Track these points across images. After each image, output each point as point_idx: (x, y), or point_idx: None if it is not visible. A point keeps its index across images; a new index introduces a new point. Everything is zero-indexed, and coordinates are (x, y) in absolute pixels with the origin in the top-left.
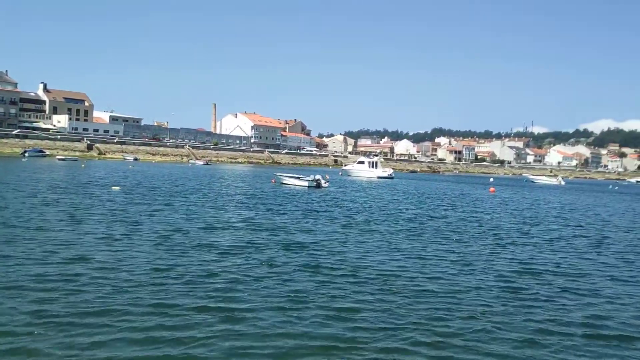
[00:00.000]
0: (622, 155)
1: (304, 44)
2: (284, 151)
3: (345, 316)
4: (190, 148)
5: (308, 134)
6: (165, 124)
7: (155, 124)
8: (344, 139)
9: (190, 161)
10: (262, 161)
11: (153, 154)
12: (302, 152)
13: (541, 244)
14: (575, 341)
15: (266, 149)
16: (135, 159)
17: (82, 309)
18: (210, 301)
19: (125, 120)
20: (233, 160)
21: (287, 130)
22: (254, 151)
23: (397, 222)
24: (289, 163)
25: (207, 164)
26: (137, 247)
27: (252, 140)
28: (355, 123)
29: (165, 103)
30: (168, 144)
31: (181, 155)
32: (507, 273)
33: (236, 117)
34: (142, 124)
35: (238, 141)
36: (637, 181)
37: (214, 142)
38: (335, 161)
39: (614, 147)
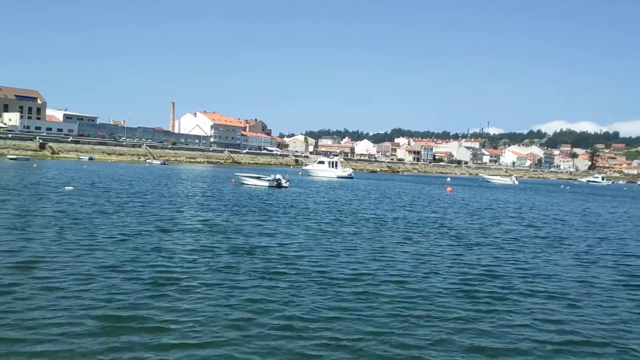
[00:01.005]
0: (574, 155)
1: (264, 44)
2: (245, 151)
3: (302, 326)
4: (148, 147)
5: (269, 134)
6: (122, 122)
7: (112, 123)
8: (305, 139)
9: (147, 161)
10: (222, 161)
11: (109, 154)
12: (263, 152)
13: (499, 244)
14: (535, 345)
15: (226, 149)
16: (91, 159)
17: (19, 318)
18: (154, 311)
19: (80, 118)
20: (192, 160)
21: (247, 129)
22: (213, 151)
23: (358, 222)
24: (249, 163)
25: (165, 163)
26: (86, 251)
27: (212, 140)
28: (316, 123)
29: (122, 101)
30: (124, 143)
31: (138, 154)
32: (468, 275)
33: (195, 116)
34: (97, 123)
35: (197, 141)
36: (588, 181)
37: (172, 141)
38: (296, 161)
39: (566, 148)
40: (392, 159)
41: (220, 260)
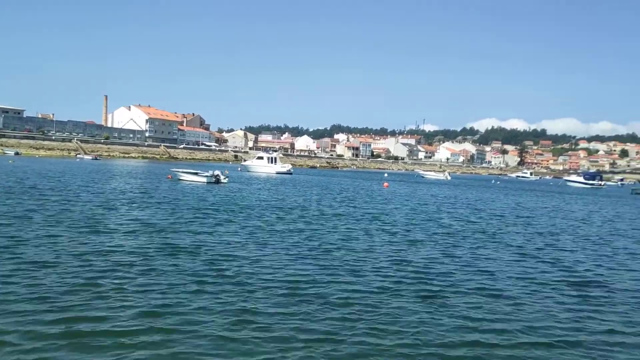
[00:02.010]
0: (504, 152)
1: (203, 36)
2: (182, 146)
3: (239, 336)
4: (79, 142)
5: (207, 129)
6: (51, 116)
7: (40, 116)
8: (245, 134)
9: (78, 156)
10: (157, 156)
11: (37, 148)
12: (201, 147)
13: (438, 240)
14: (472, 344)
15: (162, 144)
16: (17, 153)
17: None
18: (69, 322)
19: (5, 111)
20: (126, 155)
21: (184, 124)
22: (148, 146)
23: (298, 220)
24: (186, 158)
25: (97, 158)
26: (6, 252)
27: (147, 135)
28: (256, 118)
29: (51, 94)
30: (54, 137)
31: (68, 149)
32: (408, 271)
33: (129, 109)
34: (24, 116)
35: (131, 135)
36: (517, 176)
37: (105, 135)
38: (236, 157)
39: (497, 145)
40: (332, 155)
41: (153, 262)
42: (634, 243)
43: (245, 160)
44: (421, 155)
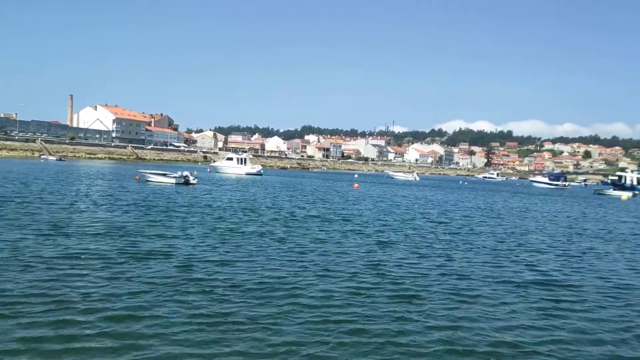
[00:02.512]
0: (472, 153)
1: (172, 36)
2: (149, 147)
3: (210, 339)
4: (43, 142)
5: (175, 129)
6: (14, 115)
7: (2, 116)
8: (214, 134)
9: (42, 157)
10: (124, 157)
11: None
12: (169, 147)
13: (412, 241)
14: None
15: (129, 144)
16: None
17: None
18: (30, 328)
19: None
20: (92, 156)
21: (152, 124)
22: (115, 146)
23: (269, 222)
24: (154, 159)
25: (62, 159)
26: None
27: (114, 135)
28: (226, 119)
29: (13, 93)
30: (17, 137)
31: (32, 150)
32: (382, 273)
33: (96, 109)
34: None
35: (98, 135)
36: (484, 177)
37: (70, 136)
38: (205, 157)
39: (465, 146)
40: (302, 156)
41: (120, 266)
42: (601, 243)
43: (214, 161)
44: (391, 156)
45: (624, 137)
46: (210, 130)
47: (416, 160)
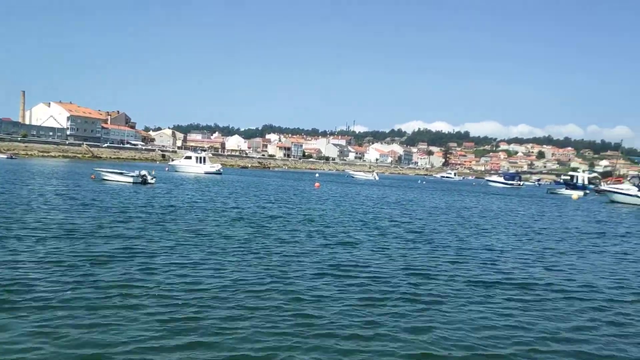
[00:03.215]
0: (430, 153)
1: (128, 31)
2: (105, 145)
3: (170, 345)
4: None
5: (133, 127)
6: None
7: None
8: (173, 133)
9: None
10: (79, 155)
11: None
12: (126, 146)
13: (373, 242)
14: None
15: (84, 142)
16: None
17: None
18: None
19: None
20: (45, 154)
21: (109, 122)
22: (70, 144)
23: (229, 222)
24: (111, 158)
25: (13, 157)
26: None
27: (68, 133)
28: (185, 117)
29: None
30: None
31: None
32: (344, 277)
33: (49, 106)
34: None
35: (51, 133)
36: (442, 176)
37: (22, 133)
38: (163, 156)
39: (423, 146)
40: (263, 155)
41: (74, 270)
42: (559, 242)
43: (173, 160)
44: (352, 155)
45: (576, 138)
46: (169, 128)
47: (376, 159)
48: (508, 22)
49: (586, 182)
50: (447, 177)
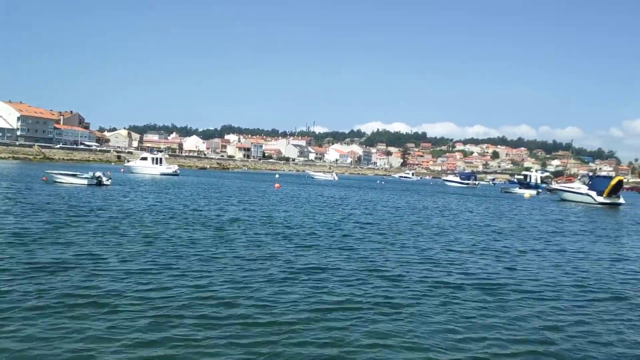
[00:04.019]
0: (388, 153)
1: (79, 29)
2: (58, 146)
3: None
4: None
5: (87, 128)
6: None
7: None
8: (129, 133)
9: None
10: (30, 157)
11: None
12: (80, 147)
13: (338, 243)
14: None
15: (36, 143)
16: None
17: None
18: None
19: None
20: None
21: (61, 122)
22: (20, 145)
23: (187, 226)
24: (64, 159)
25: None
26: None
27: (19, 133)
28: (141, 117)
29: None
30: None
31: None
32: (307, 281)
33: None
34: None
35: (0, 134)
36: (400, 176)
37: None
38: (119, 157)
39: (382, 146)
40: (222, 156)
41: (22, 279)
42: (518, 241)
43: (128, 161)
44: (312, 156)
45: (529, 138)
46: (124, 129)
47: (336, 160)
48: (465, 21)
49: (539, 181)
50: (405, 177)
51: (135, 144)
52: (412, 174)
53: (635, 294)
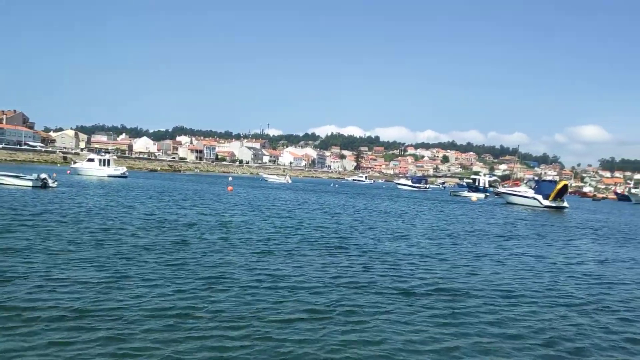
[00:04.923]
0: (342, 157)
1: (23, 23)
2: (0, 146)
3: None
4: None
5: (31, 127)
6: None
7: None
8: (76, 134)
9: None
10: None
11: None
12: (24, 147)
13: (292, 248)
14: None
15: None
16: None
17: None
18: None
19: None
20: None
21: (4, 122)
22: None
23: (138, 231)
24: (6, 160)
25: None
26: None
27: None
28: (89, 117)
29: None
30: None
31: None
32: (265, 288)
33: None
34: None
35: None
36: (353, 179)
37: None
38: (65, 158)
39: (336, 150)
40: (174, 158)
41: None
42: (474, 245)
43: (75, 163)
44: (266, 159)
45: (478, 143)
46: (71, 129)
47: (290, 163)
48: (416, 27)
49: (487, 185)
50: (358, 180)
51: (82, 144)
52: (366, 178)
53: (593, 298)
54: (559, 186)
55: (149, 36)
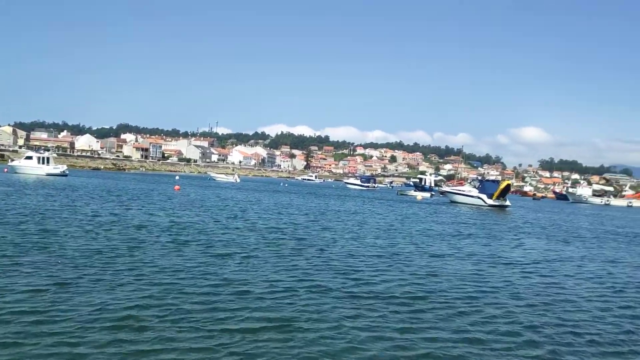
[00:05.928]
0: (292, 156)
1: None
2: None
3: None
4: None
5: None
6: None
7: None
8: (14, 130)
9: None
10: None
11: None
12: None
13: (244, 251)
14: None
15: None
16: None
17: None
18: None
19: None
20: None
21: None
22: None
23: (84, 233)
24: None
25: None
26: None
27: None
28: (28, 113)
29: None
30: None
31: None
32: (213, 286)
33: None
34: None
35: None
36: (303, 179)
37: None
38: (2, 156)
39: (286, 149)
40: (118, 156)
41: None
42: (426, 245)
43: (13, 160)
44: (214, 157)
45: (424, 144)
46: (8, 125)
47: (240, 162)
48: (368, 26)
49: (433, 184)
50: (308, 179)
51: (21, 142)
52: (315, 177)
53: (553, 298)
54: (503, 185)
55: (96, 33)
